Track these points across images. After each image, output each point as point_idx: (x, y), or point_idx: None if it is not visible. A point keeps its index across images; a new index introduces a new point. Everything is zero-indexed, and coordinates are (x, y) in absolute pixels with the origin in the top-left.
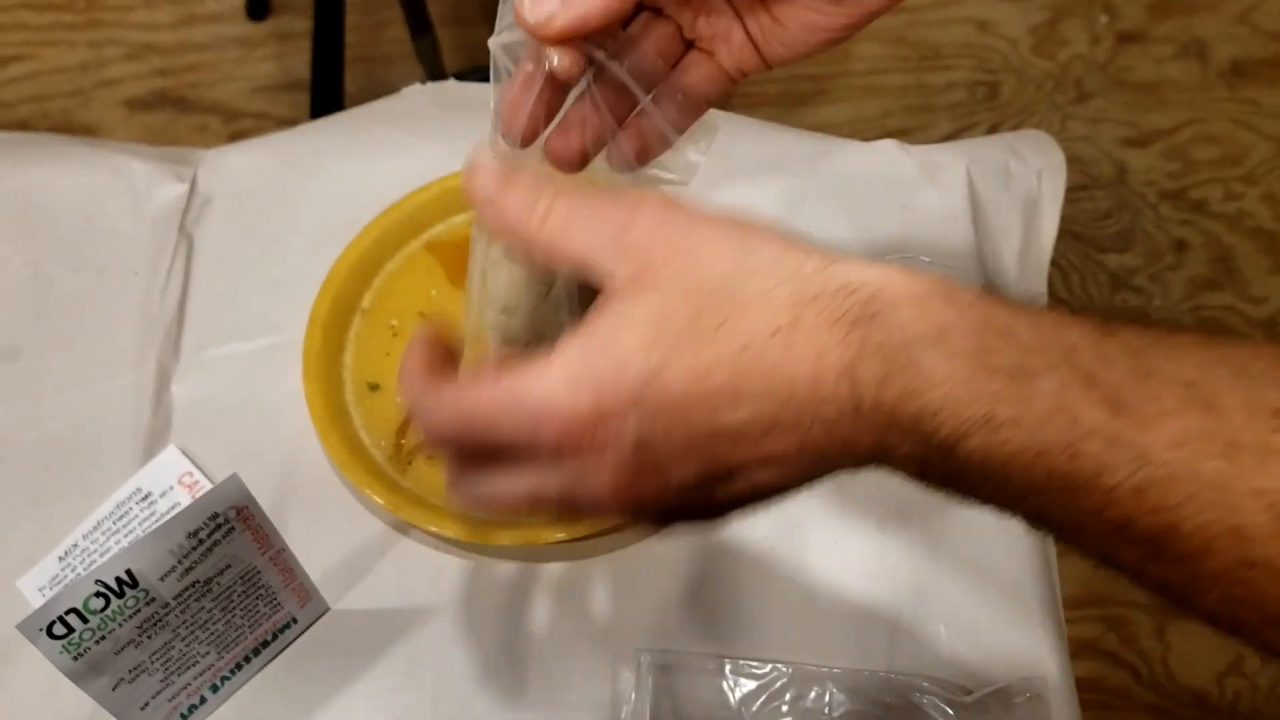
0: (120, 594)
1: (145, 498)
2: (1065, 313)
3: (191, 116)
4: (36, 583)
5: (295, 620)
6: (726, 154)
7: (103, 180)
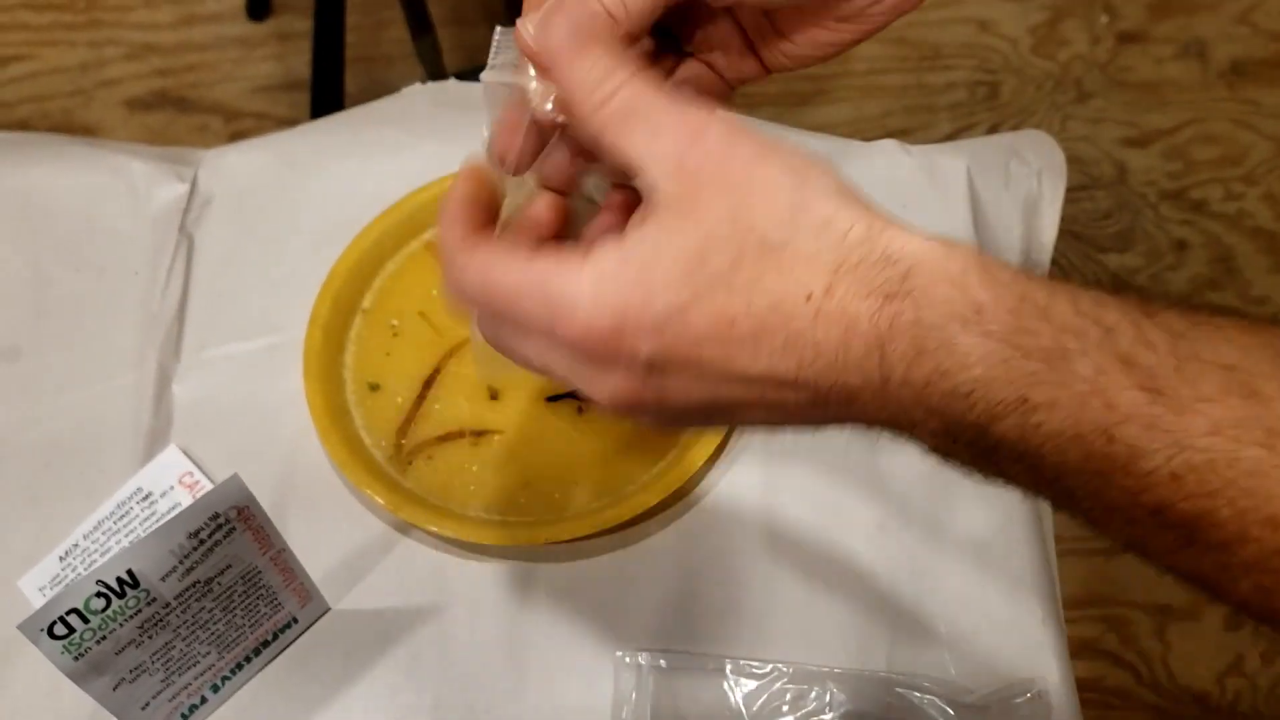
0: (121, 594)
1: (146, 498)
2: (1105, 292)
3: (192, 116)
4: (37, 583)
5: (296, 620)
6: None
7: (103, 180)
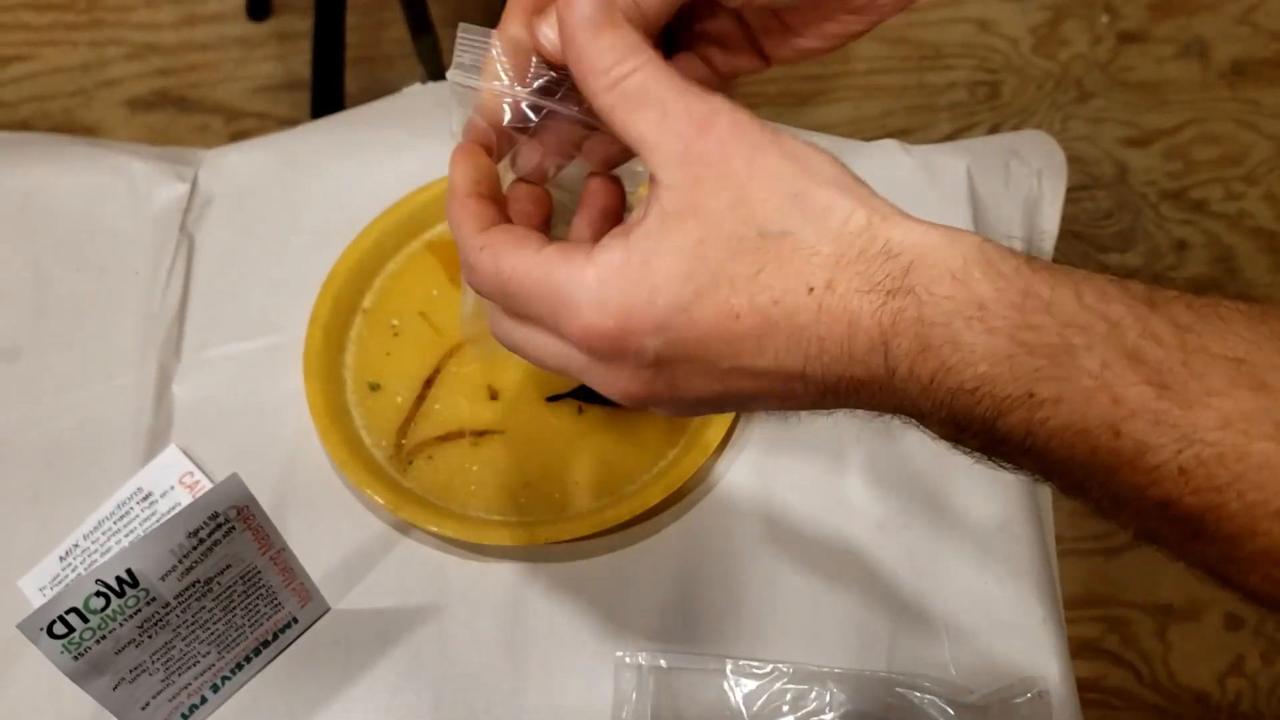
0: (121, 593)
1: (146, 498)
2: (1110, 282)
3: (192, 116)
4: (37, 583)
5: (296, 620)
6: None
7: (104, 180)
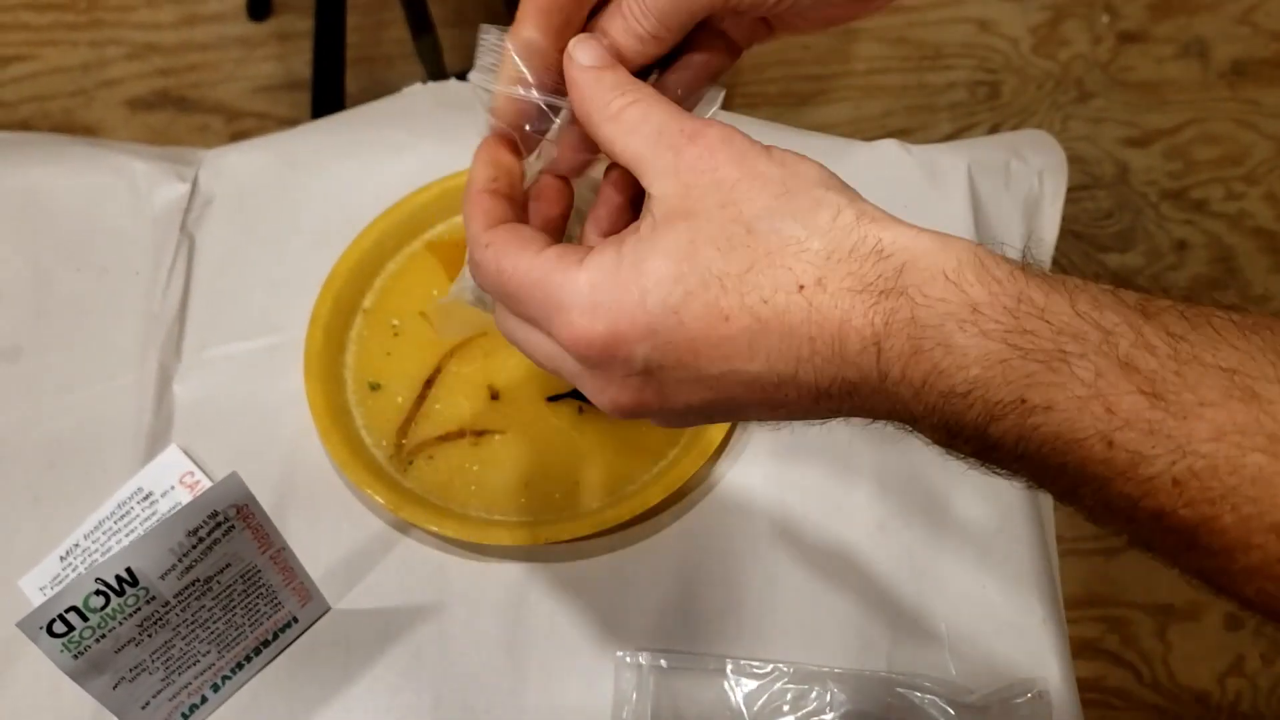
0: (120, 592)
1: (146, 497)
2: (1104, 290)
3: (193, 116)
4: (38, 582)
5: (296, 619)
6: None
7: (104, 180)
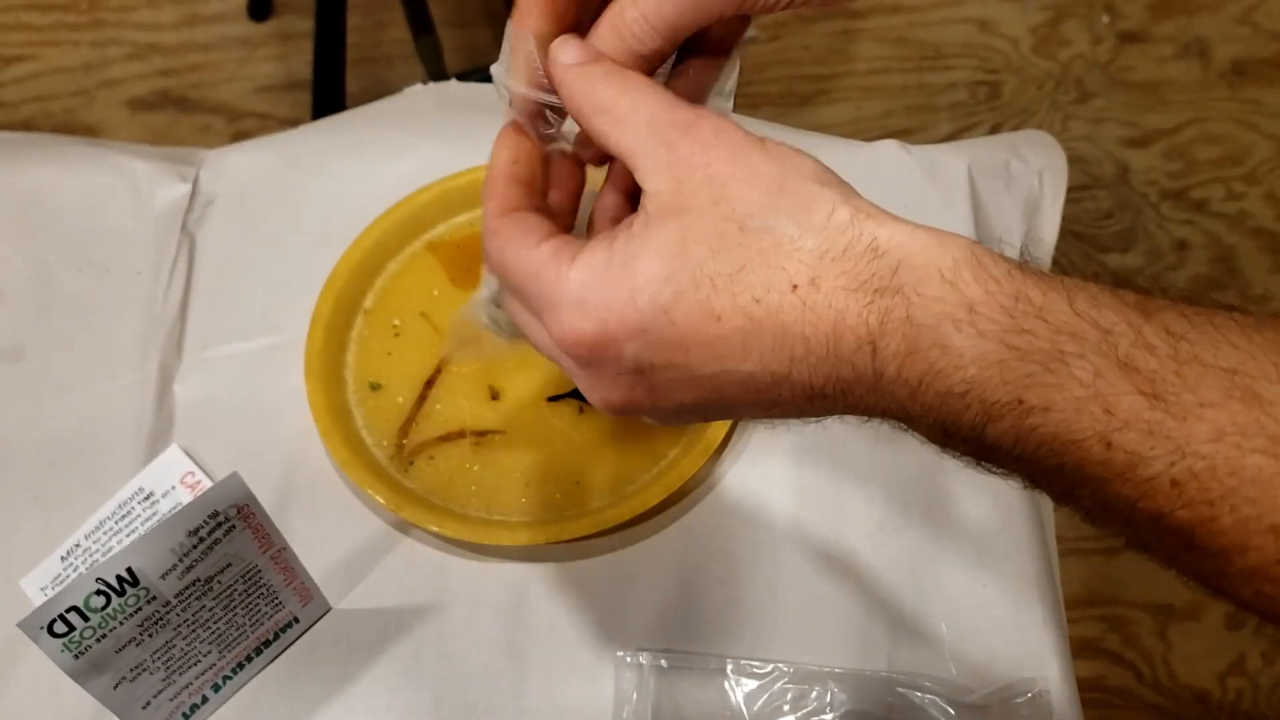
0: (121, 592)
1: (147, 497)
2: (1103, 290)
3: (194, 116)
4: (39, 582)
5: (297, 620)
6: None
7: (105, 180)
